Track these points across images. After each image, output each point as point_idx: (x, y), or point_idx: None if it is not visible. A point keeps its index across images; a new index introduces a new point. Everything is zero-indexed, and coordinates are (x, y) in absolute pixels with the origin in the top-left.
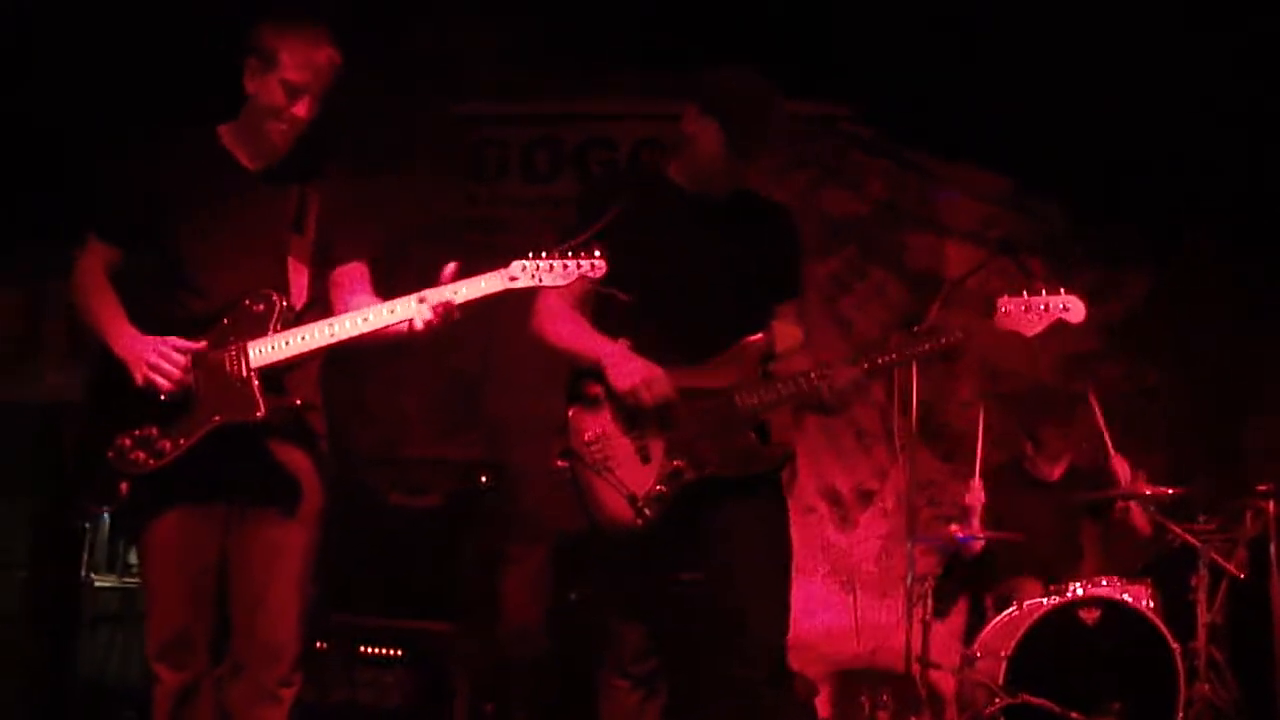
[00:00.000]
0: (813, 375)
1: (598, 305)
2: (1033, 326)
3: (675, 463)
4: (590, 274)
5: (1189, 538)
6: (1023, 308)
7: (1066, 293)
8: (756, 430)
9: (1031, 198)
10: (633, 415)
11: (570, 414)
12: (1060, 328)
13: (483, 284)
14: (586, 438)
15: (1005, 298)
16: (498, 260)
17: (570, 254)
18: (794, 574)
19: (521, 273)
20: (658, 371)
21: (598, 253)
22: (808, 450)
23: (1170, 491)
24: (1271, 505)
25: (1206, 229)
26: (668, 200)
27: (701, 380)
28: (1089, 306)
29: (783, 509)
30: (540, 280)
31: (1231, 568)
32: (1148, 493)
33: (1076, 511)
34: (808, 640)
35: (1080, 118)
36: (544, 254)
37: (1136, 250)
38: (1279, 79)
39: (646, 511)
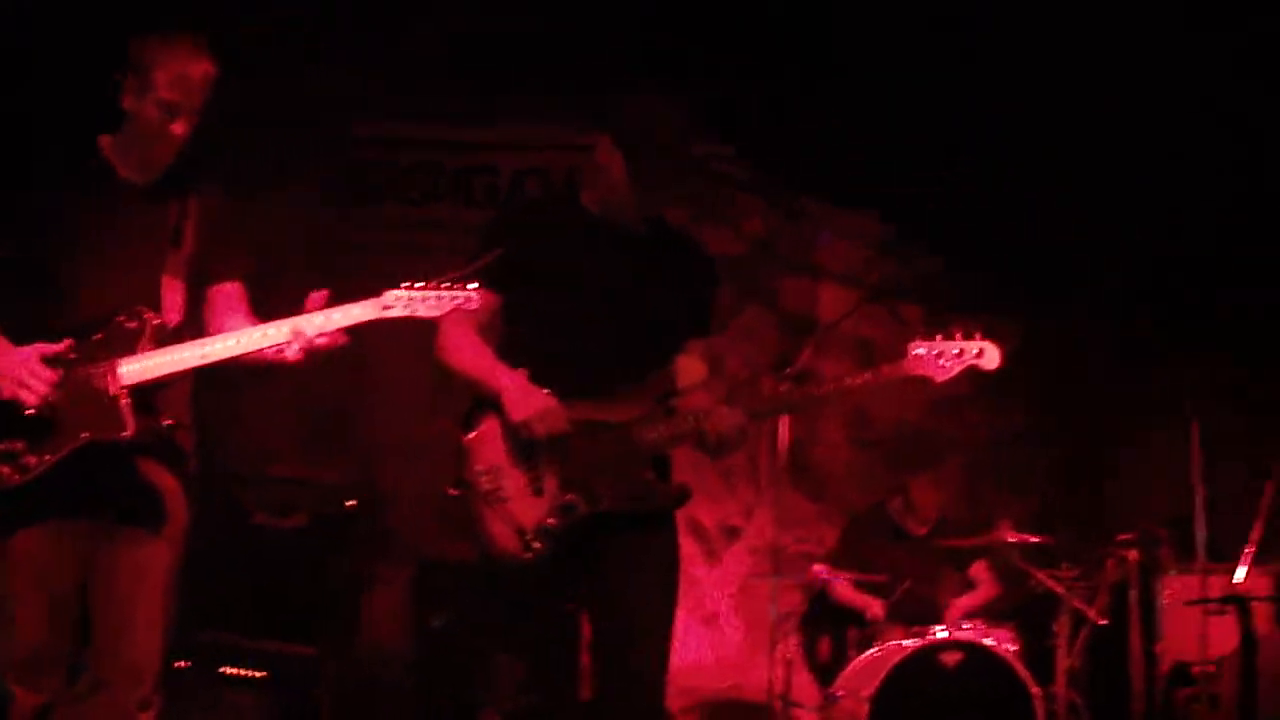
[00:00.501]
0: (699, 416)
1: (505, 331)
2: (945, 372)
3: (568, 497)
4: (465, 306)
5: (1052, 584)
6: (935, 353)
7: (981, 338)
8: (656, 466)
9: (908, 243)
10: (527, 447)
11: (465, 441)
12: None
13: (356, 312)
14: (479, 467)
15: (918, 341)
16: (375, 283)
17: (446, 284)
18: None
19: (395, 301)
20: (553, 404)
21: (474, 285)
22: None
23: (1034, 539)
24: (1133, 553)
25: (1079, 279)
26: (579, 229)
27: (601, 413)
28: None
29: (674, 548)
30: (415, 310)
31: (1093, 614)
32: (1011, 540)
33: (940, 560)
34: (670, 674)
35: (958, 165)
36: (419, 283)
37: (1009, 298)
38: (1156, 136)
39: (535, 545)
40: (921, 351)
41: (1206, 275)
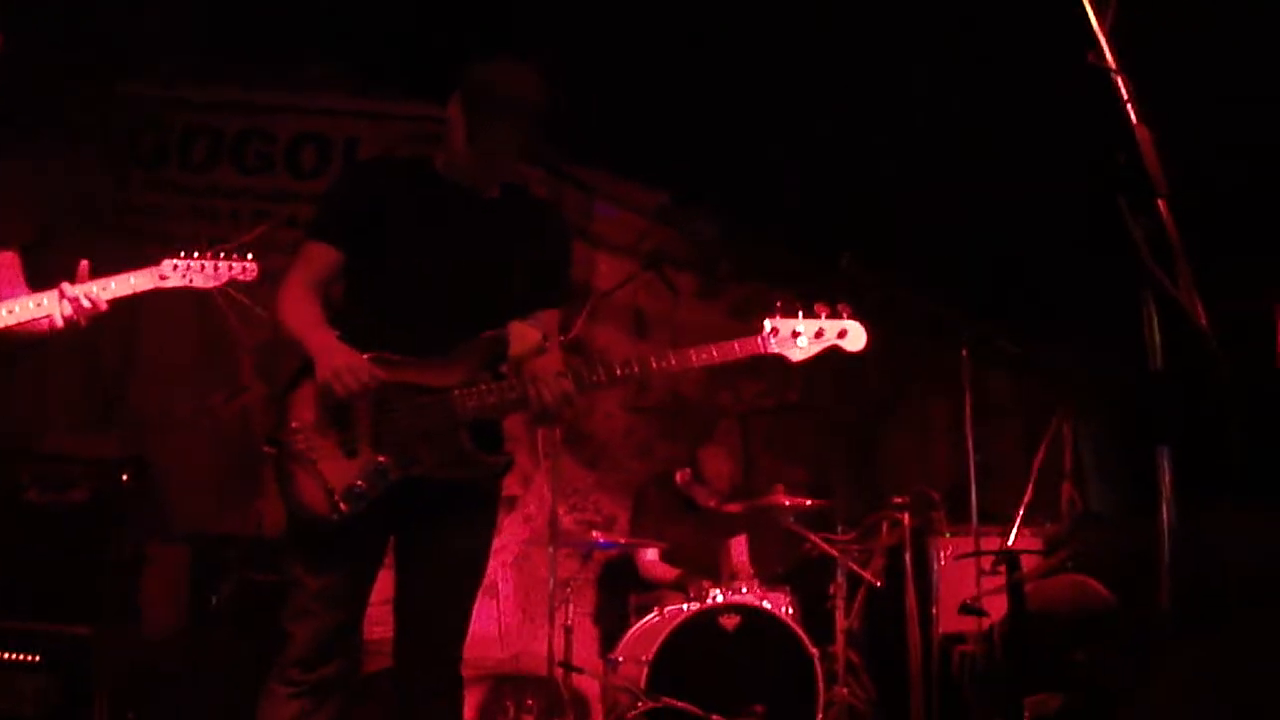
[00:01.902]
0: (526, 384)
1: (345, 288)
2: (802, 352)
3: (379, 459)
4: (241, 277)
5: (827, 547)
6: (792, 331)
7: (848, 316)
8: (479, 434)
9: (685, 213)
10: (341, 407)
11: (286, 400)
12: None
13: (132, 281)
14: (294, 425)
15: (776, 317)
16: (153, 250)
17: (223, 255)
18: None
19: (173, 272)
20: (357, 362)
21: (250, 256)
22: None
23: (809, 503)
24: (906, 517)
25: (853, 249)
26: (427, 189)
27: (427, 376)
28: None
29: (490, 521)
30: (191, 281)
31: (868, 576)
32: (787, 504)
33: (725, 526)
34: None
35: (735, 135)
36: (195, 254)
37: (785, 268)
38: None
39: (342, 506)
40: (779, 328)
41: (984, 247)
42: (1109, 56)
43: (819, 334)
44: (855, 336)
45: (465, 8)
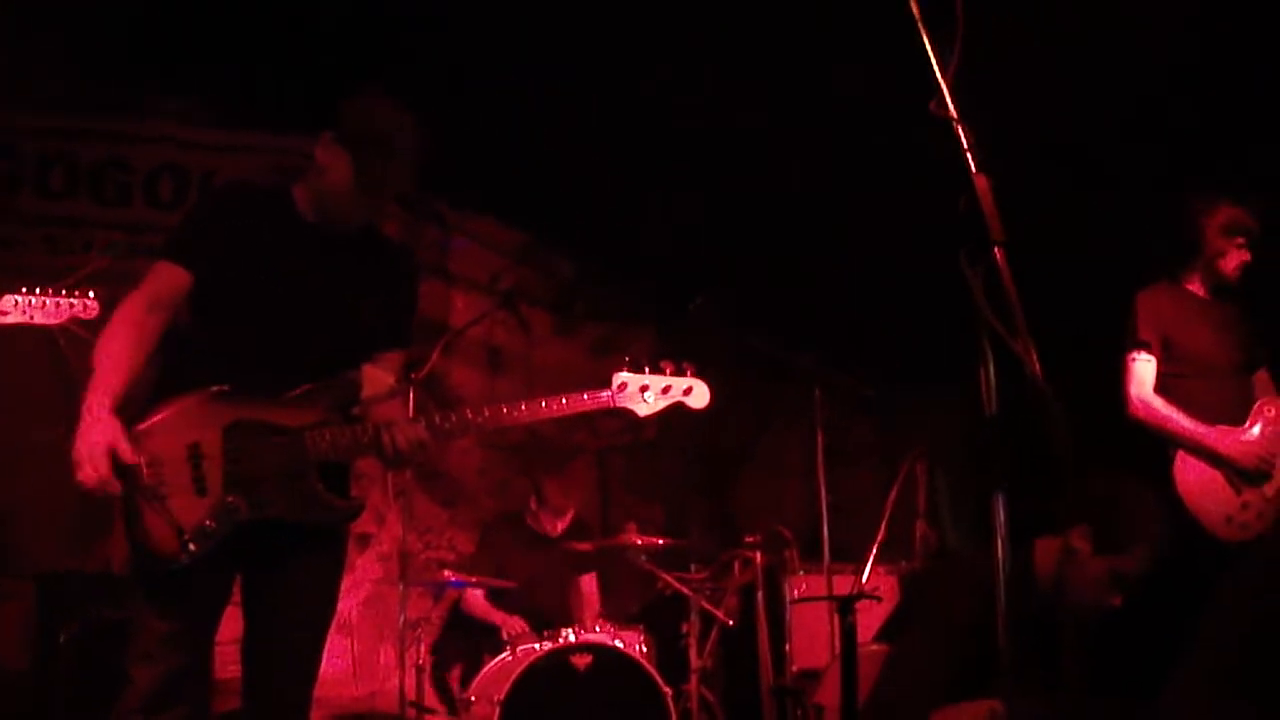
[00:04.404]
0: (380, 428)
1: (196, 314)
2: (649, 407)
3: (230, 499)
4: (82, 314)
5: (680, 586)
6: (640, 386)
7: (693, 375)
8: (331, 476)
9: (543, 253)
10: (193, 445)
11: (136, 430)
12: None
13: None
14: (143, 459)
15: (624, 372)
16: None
17: (64, 292)
18: None
19: (13, 308)
20: (108, 442)
21: (91, 294)
22: None
23: (661, 542)
24: (759, 556)
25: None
26: (283, 224)
27: (280, 416)
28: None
29: (339, 565)
30: (33, 317)
31: (721, 615)
32: (639, 543)
33: (576, 563)
34: None
35: (592, 176)
36: (37, 290)
37: (639, 307)
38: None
39: (191, 546)
40: (627, 383)
41: (838, 287)
42: (950, 105)
43: (665, 390)
44: (699, 395)
45: (323, 43)
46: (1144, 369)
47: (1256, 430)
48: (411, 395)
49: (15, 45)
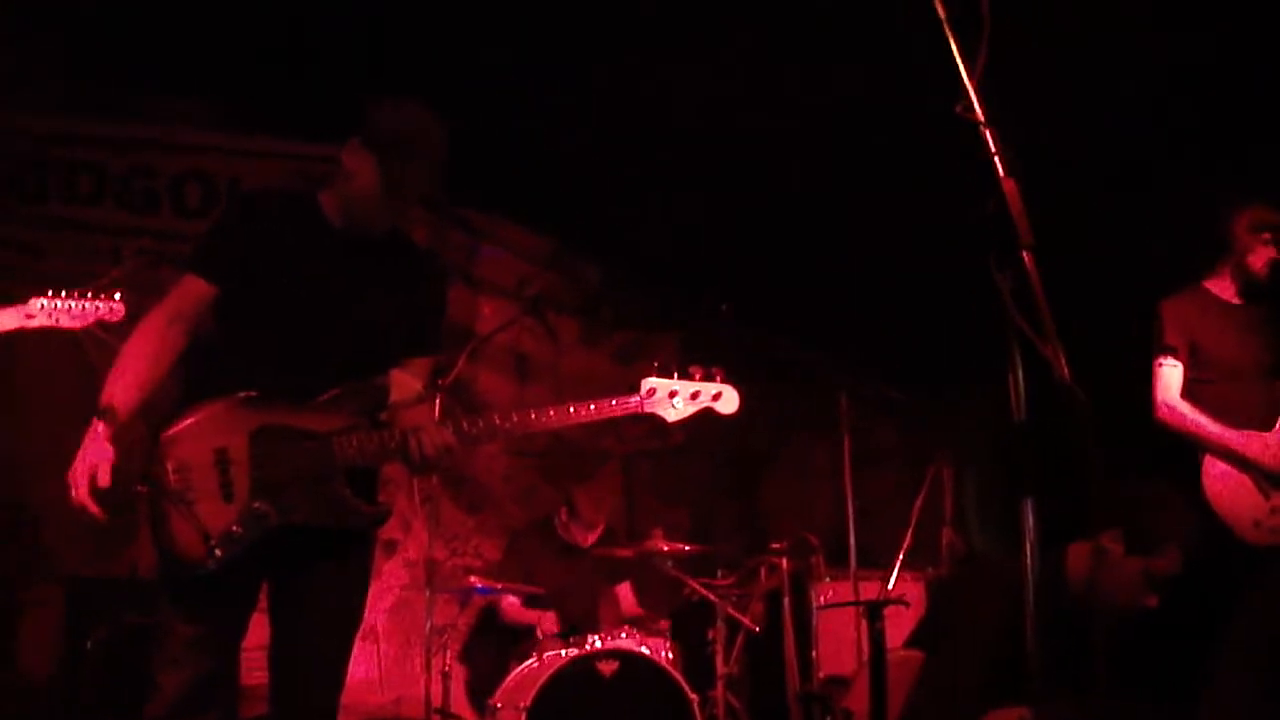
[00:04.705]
0: (407, 433)
1: (219, 326)
2: (678, 413)
3: (256, 505)
4: (108, 317)
5: (706, 592)
6: (669, 391)
7: (722, 380)
8: (358, 482)
9: (569, 259)
10: (220, 450)
11: (162, 437)
12: None
13: None
14: (170, 465)
15: (653, 378)
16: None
17: (90, 295)
18: None
19: (39, 311)
20: (92, 466)
21: (118, 296)
22: None
23: (687, 547)
24: (785, 562)
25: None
26: (310, 230)
27: (308, 421)
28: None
29: (366, 571)
30: (59, 321)
31: (747, 621)
32: (665, 549)
33: (610, 572)
34: None
35: (620, 182)
36: (63, 293)
37: (665, 313)
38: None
39: (218, 552)
40: (656, 389)
41: (862, 291)
42: (977, 109)
43: (694, 396)
44: (728, 400)
45: (348, 49)
46: (1171, 374)
47: None
48: (438, 402)
49: (41, 53)
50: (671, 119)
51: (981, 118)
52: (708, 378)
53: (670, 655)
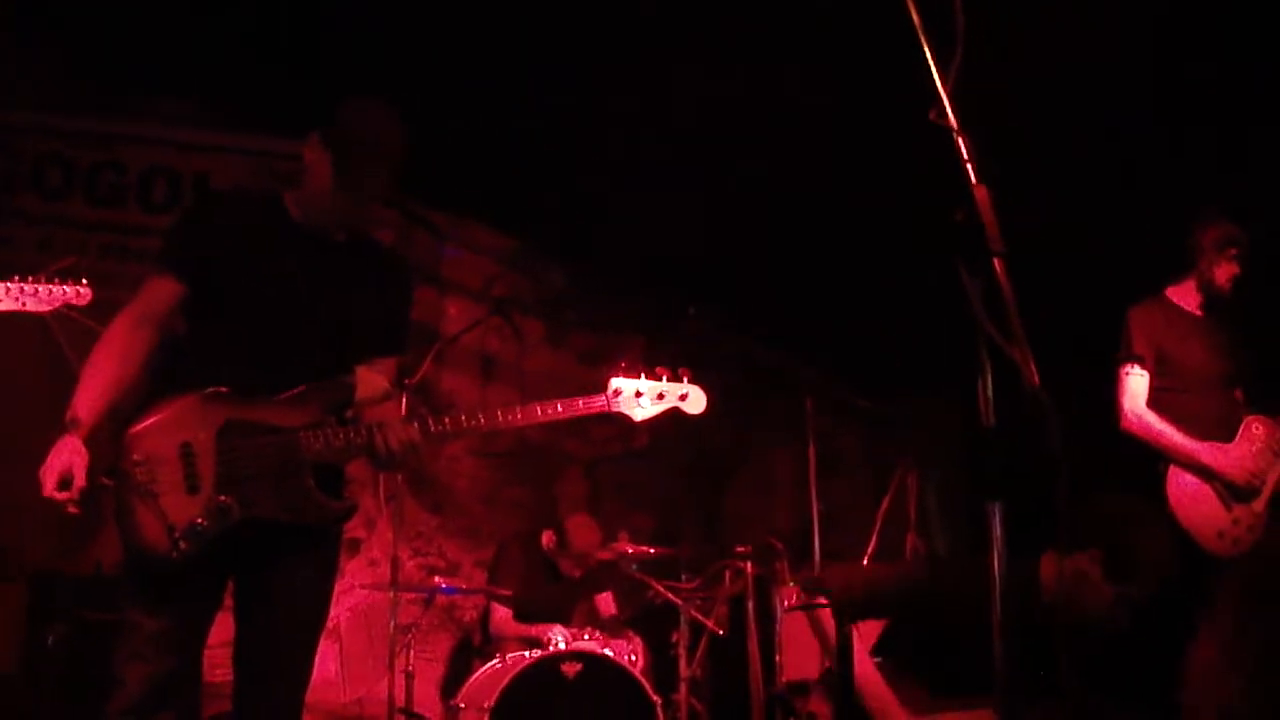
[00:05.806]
0: (373, 429)
1: (190, 319)
2: (644, 413)
3: (222, 498)
4: (75, 300)
5: (670, 596)
6: (635, 391)
7: (689, 381)
8: (324, 477)
9: (535, 260)
10: (186, 443)
11: (130, 432)
12: None
13: None
14: (136, 458)
15: (619, 378)
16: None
17: (57, 280)
18: None
19: (5, 295)
20: (60, 465)
21: (84, 281)
22: None
23: (653, 551)
24: (749, 566)
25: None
26: (274, 228)
27: (274, 416)
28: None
29: (332, 567)
30: (25, 305)
31: (711, 624)
32: (630, 551)
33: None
34: None
35: (585, 183)
36: (30, 278)
37: (630, 316)
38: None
39: (183, 544)
40: (622, 389)
41: (826, 297)
42: (950, 115)
43: (660, 395)
44: (695, 400)
45: (318, 46)
46: (1137, 383)
47: (1245, 447)
48: (404, 401)
49: (13, 46)
50: (637, 121)
51: (954, 124)
52: (674, 378)
53: (634, 658)
